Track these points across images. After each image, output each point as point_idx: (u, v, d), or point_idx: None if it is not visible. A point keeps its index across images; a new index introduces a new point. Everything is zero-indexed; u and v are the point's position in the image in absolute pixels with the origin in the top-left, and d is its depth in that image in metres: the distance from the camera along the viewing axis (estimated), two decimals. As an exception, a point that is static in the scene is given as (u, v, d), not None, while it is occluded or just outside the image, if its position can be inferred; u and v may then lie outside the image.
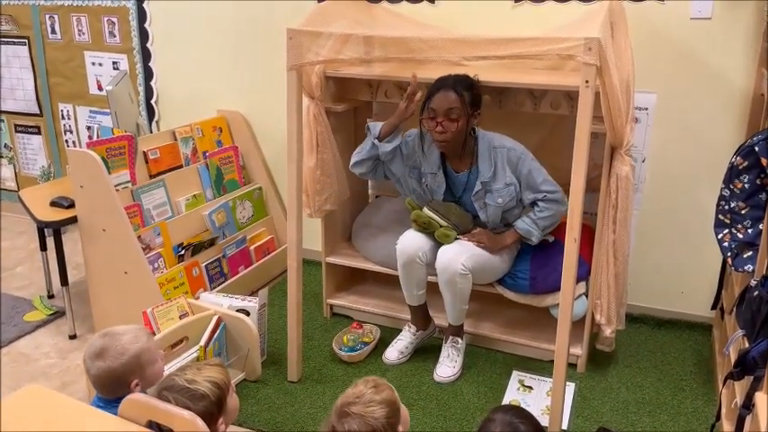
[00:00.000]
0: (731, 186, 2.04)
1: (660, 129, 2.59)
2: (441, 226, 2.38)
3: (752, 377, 1.64)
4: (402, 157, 2.45)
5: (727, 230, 2.06)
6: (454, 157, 2.39)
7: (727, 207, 2.06)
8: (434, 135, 2.30)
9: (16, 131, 3.93)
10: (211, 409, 1.56)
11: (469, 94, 2.25)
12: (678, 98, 2.53)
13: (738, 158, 2.02)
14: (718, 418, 1.95)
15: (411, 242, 2.41)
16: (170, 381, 1.57)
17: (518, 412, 1.44)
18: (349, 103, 2.70)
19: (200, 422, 1.28)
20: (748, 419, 1.64)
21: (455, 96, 2.22)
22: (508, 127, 2.43)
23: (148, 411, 1.31)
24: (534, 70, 2.55)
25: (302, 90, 2.31)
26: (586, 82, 1.82)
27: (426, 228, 2.40)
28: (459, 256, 2.31)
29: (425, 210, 2.40)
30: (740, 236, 2.03)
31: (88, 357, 1.69)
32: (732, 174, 2.03)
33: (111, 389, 1.66)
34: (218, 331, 2.29)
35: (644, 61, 2.37)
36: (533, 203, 2.35)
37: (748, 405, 1.62)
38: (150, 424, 1.31)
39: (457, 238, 2.39)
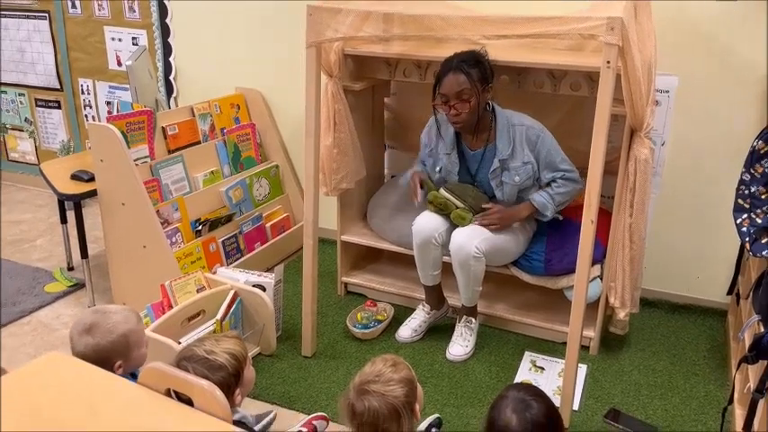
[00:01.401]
0: (752, 171, 2.02)
1: (681, 112, 2.56)
2: (456, 207, 2.38)
3: (766, 362, 1.64)
4: (426, 151, 2.49)
5: (746, 215, 2.05)
6: (470, 135, 2.38)
7: (746, 192, 2.04)
8: (449, 118, 2.30)
9: (37, 106, 3.97)
10: (229, 380, 1.59)
11: (477, 70, 2.23)
12: (700, 81, 2.50)
13: (760, 143, 2.00)
14: (731, 401, 1.95)
15: (427, 223, 2.41)
16: (189, 351, 1.60)
17: (531, 390, 1.45)
18: (367, 81, 2.69)
19: (218, 392, 1.30)
20: (761, 403, 1.64)
21: (464, 77, 2.21)
22: (527, 108, 2.42)
23: (168, 380, 1.33)
24: (555, 50, 2.53)
25: (321, 68, 2.31)
26: (608, 62, 1.80)
27: (443, 209, 2.40)
28: (473, 239, 2.32)
29: (442, 191, 2.40)
30: (759, 221, 2.02)
31: (76, 332, 1.66)
32: (753, 158, 2.02)
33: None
34: (234, 305, 2.32)
35: (667, 43, 2.34)
36: (549, 182, 2.35)
37: (762, 389, 1.62)
38: (169, 392, 1.33)
39: (472, 221, 2.39)
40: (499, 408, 1.39)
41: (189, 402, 1.29)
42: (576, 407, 2.17)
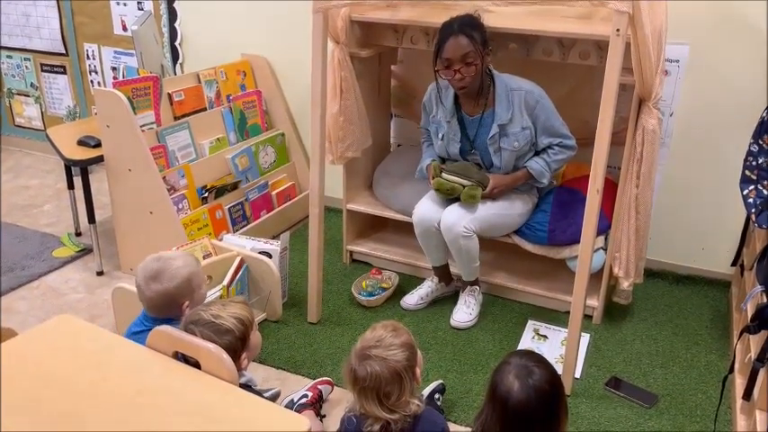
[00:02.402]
0: (760, 142, 2.01)
1: (691, 82, 2.53)
2: (464, 187, 2.33)
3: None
4: (428, 117, 2.47)
5: (752, 186, 2.04)
6: (469, 101, 2.36)
7: (754, 163, 2.03)
8: (454, 83, 2.27)
9: (42, 71, 3.95)
10: (235, 344, 1.61)
11: (479, 33, 2.21)
12: (711, 50, 2.46)
13: (770, 114, 1.98)
14: (731, 371, 1.97)
15: (426, 211, 2.41)
16: (196, 315, 1.63)
17: (533, 357, 1.46)
18: (374, 48, 2.66)
19: (225, 355, 1.32)
20: (761, 372, 1.66)
21: (467, 40, 2.18)
22: (534, 77, 2.39)
23: (175, 343, 1.35)
24: (564, 18, 2.49)
25: (327, 34, 2.28)
26: (617, 30, 1.78)
27: (451, 193, 2.35)
28: (462, 218, 2.31)
29: (445, 176, 2.36)
30: (766, 192, 2.02)
31: (143, 280, 1.78)
32: (762, 129, 2.00)
33: (163, 309, 1.77)
34: (240, 272, 2.34)
35: (677, 11, 2.30)
36: (545, 148, 2.35)
37: (762, 359, 1.64)
38: (177, 355, 1.35)
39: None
40: (501, 374, 1.41)
41: (196, 365, 1.31)
42: (577, 374, 2.20)
